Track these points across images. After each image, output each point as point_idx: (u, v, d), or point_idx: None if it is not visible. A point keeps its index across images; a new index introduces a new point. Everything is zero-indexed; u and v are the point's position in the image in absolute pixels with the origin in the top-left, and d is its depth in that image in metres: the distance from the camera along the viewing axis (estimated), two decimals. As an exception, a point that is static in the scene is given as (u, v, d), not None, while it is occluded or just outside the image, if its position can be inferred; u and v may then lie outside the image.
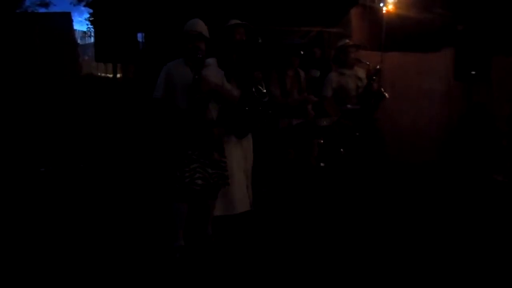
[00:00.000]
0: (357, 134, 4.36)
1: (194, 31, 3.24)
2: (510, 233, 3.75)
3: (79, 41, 18.46)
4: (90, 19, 17.68)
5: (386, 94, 4.38)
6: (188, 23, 3.30)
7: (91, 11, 16.56)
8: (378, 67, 4.42)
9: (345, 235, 3.69)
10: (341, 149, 4.44)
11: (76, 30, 18.70)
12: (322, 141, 4.88)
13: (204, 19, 3.33)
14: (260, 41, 3.63)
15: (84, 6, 18.01)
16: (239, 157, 3.67)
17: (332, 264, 3.20)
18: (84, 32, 19.48)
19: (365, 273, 3.09)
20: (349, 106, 4.44)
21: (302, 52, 4.22)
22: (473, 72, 5.31)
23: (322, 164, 5.07)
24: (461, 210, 4.31)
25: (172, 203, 3.28)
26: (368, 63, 4.44)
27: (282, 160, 4.15)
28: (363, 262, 3.24)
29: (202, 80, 3.14)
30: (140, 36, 7.91)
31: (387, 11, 6.55)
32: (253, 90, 3.53)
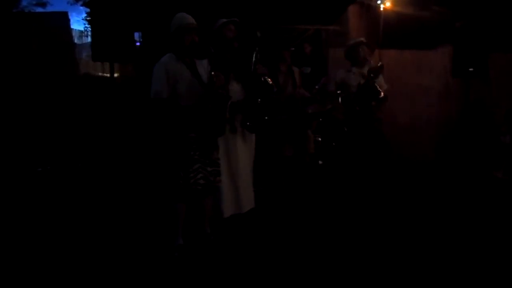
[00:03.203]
0: (345, 129, 4.31)
1: (193, 24, 3.18)
2: (511, 231, 3.75)
3: (76, 40, 18.39)
4: (87, 18, 17.62)
5: (382, 92, 4.26)
6: (181, 17, 3.22)
7: (88, 10, 16.51)
8: (380, 63, 4.32)
9: (344, 234, 3.68)
10: (333, 143, 4.42)
11: (73, 29, 18.63)
12: (320, 139, 4.87)
13: (201, 18, 3.30)
14: (259, 35, 3.60)
15: (82, 5, 17.94)
16: (244, 155, 3.67)
17: (331, 262, 3.19)
18: (81, 32, 19.41)
19: (364, 271, 3.08)
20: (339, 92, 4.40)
21: (292, 48, 4.17)
22: (471, 69, 5.32)
23: (320, 162, 5.06)
24: (461, 208, 4.31)
25: (171, 203, 3.26)
26: (379, 64, 4.32)
27: (278, 156, 4.11)
28: (362, 260, 3.23)
29: (218, 76, 3.12)
30: (137, 35, 7.90)
31: (385, 9, 6.55)
32: (261, 82, 3.52)
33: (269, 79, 3.54)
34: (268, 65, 4.13)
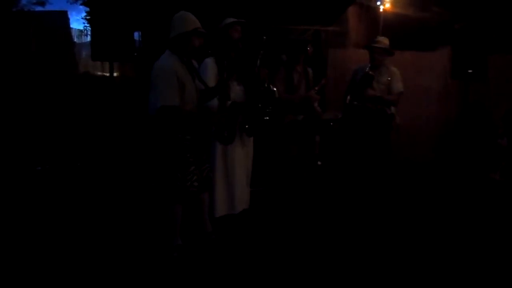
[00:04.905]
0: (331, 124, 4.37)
1: (202, 28, 3.13)
2: (507, 233, 3.76)
3: (75, 39, 18.40)
4: (87, 17, 17.64)
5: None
6: (189, 19, 3.11)
7: (88, 9, 16.52)
8: (371, 72, 4.35)
9: (343, 234, 3.69)
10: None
11: (72, 28, 18.64)
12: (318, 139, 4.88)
13: (201, 17, 3.29)
14: (265, 38, 3.61)
15: (81, 4, 17.96)
16: (241, 155, 3.67)
17: (331, 262, 3.20)
18: (81, 31, 19.43)
19: (364, 271, 3.09)
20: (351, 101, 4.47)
21: (308, 48, 4.20)
22: (470, 71, 5.32)
23: (319, 163, 5.07)
24: (458, 209, 4.32)
25: (168, 204, 3.25)
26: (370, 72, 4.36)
27: (284, 157, 4.11)
28: (362, 261, 3.23)
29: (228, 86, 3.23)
30: (136, 35, 7.90)
31: (384, 10, 6.56)
32: (263, 88, 3.54)
33: (272, 85, 3.58)
34: (284, 65, 4.17)
